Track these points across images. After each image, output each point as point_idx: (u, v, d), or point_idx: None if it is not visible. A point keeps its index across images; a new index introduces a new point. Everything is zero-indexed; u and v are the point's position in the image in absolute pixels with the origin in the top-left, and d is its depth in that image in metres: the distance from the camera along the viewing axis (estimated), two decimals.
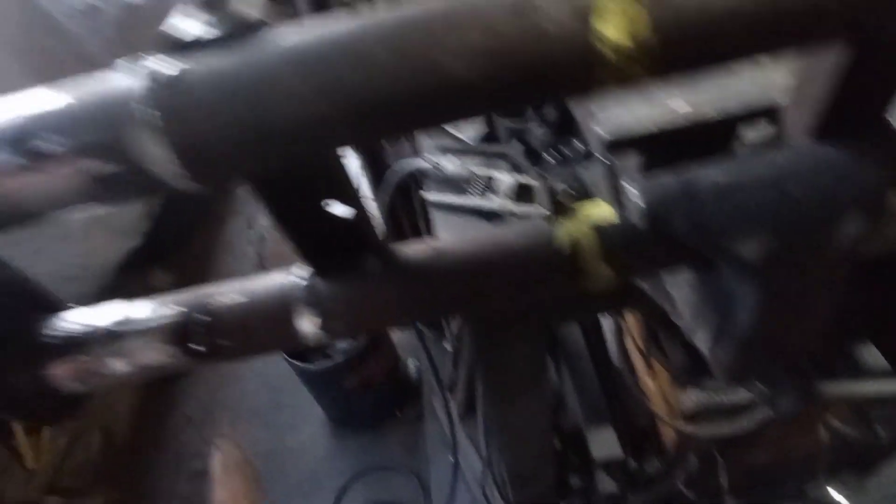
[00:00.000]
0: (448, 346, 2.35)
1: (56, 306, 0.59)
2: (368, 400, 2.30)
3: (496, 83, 0.30)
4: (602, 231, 0.50)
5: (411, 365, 2.53)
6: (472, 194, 0.81)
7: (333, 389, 2.21)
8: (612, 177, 0.52)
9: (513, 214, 0.78)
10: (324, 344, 0.54)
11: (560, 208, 0.52)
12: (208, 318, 0.51)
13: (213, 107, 0.31)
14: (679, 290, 0.62)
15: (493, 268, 0.50)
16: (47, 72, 2.30)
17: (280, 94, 0.30)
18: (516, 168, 0.85)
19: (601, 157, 0.55)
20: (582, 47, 0.30)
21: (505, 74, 0.30)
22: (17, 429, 2.39)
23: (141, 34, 3.05)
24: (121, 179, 0.33)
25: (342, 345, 2.25)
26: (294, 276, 0.52)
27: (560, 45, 0.30)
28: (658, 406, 1.28)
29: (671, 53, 0.31)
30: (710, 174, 0.45)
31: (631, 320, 1.35)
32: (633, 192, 0.47)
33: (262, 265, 3.18)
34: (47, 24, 2.42)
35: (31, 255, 1.94)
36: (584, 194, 0.61)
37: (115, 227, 2.42)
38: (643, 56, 0.31)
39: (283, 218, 0.45)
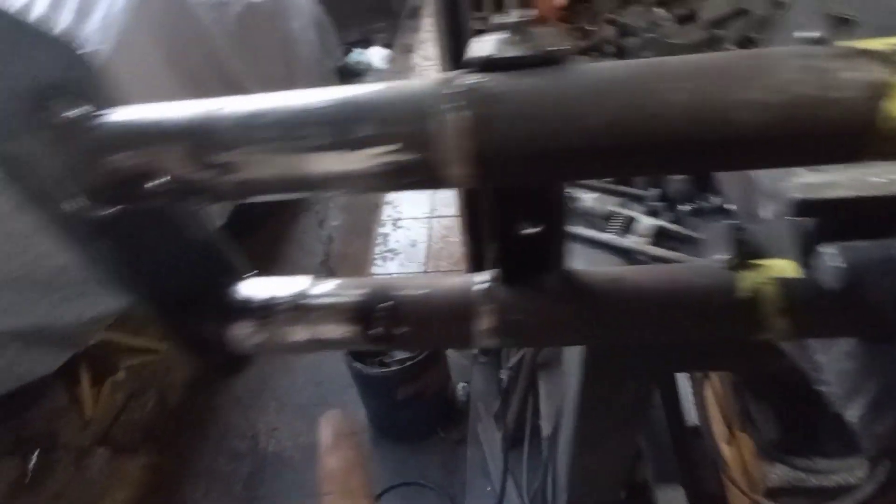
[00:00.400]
0: (503, 376, 2.35)
1: (240, 273, 0.64)
2: (415, 414, 2.31)
3: (781, 140, 0.33)
4: (785, 285, 0.51)
5: (461, 388, 2.54)
6: (609, 231, 0.83)
7: (384, 397, 2.24)
8: (799, 236, 0.53)
9: (651, 256, 0.80)
10: (491, 348, 0.57)
11: (741, 257, 0.53)
12: (391, 304, 0.55)
13: (517, 120, 0.35)
14: (832, 358, 0.61)
15: (670, 301, 0.52)
16: (177, 56, 2.50)
17: (577, 122, 0.33)
18: (653, 212, 0.87)
19: (781, 216, 0.56)
20: (866, 120, 0.32)
21: (792, 133, 0.33)
22: (84, 378, 2.54)
23: (256, 31, 3.27)
24: (415, 169, 0.37)
25: (399, 355, 2.29)
26: (477, 280, 0.55)
27: (851, 114, 0.32)
28: (736, 476, 1.24)
29: None
30: None
31: (717, 383, 1.32)
32: (831, 254, 0.48)
33: (328, 264, 3.28)
34: (183, 12, 2.62)
35: None
36: (752, 248, 0.62)
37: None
38: None
39: (498, 220, 0.48)
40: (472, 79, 0.36)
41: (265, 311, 0.58)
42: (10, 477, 2.40)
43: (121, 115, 0.42)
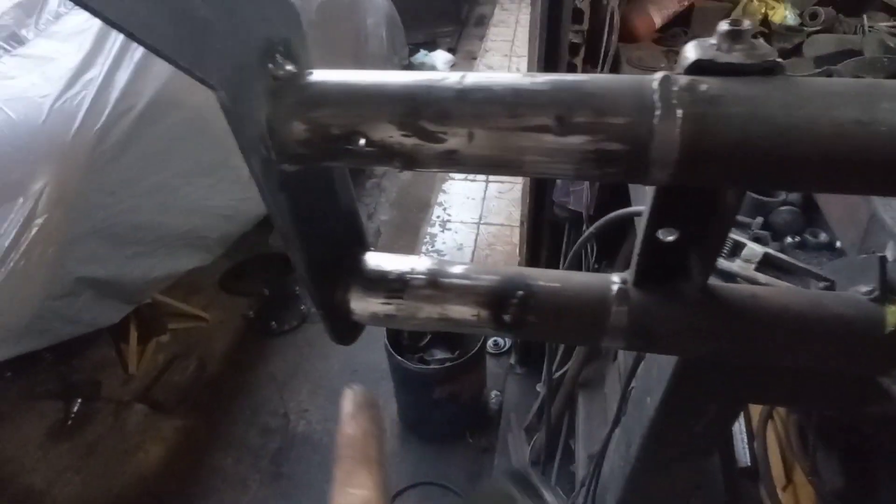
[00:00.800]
0: (539, 389, 2.34)
1: (367, 245, 0.67)
2: (447, 415, 2.32)
3: None
4: None
5: (493, 396, 2.54)
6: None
7: (420, 394, 2.26)
8: None
9: (755, 283, 0.80)
10: (614, 348, 0.58)
11: (888, 291, 0.53)
12: (524, 293, 0.56)
13: (737, 122, 0.36)
14: None
15: (812, 326, 0.52)
16: None
17: (796, 130, 0.34)
18: (758, 240, 0.86)
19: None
20: None
21: None
22: (133, 335, 2.63)
23: (334, 22, 3.36)
24: (619, 160, 0.38)
25: (440, 354, 2.31)
26: (612, 279, 0.56)
27: None
28: None
29: None
30: None
31: (780, 424, 1.29)
32: None
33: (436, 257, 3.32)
34: None
35: (207, 188, 2.15)
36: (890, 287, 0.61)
37: None
38: None
39: (655, 221, 0.49)
40: (689, 79, 0.37)
41: (400, 283, 0.60)
42: (53, 419, 2.50)
43: (333, 75, 0.45)
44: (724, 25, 0.39)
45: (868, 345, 0.52)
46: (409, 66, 4.84)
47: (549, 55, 1.54)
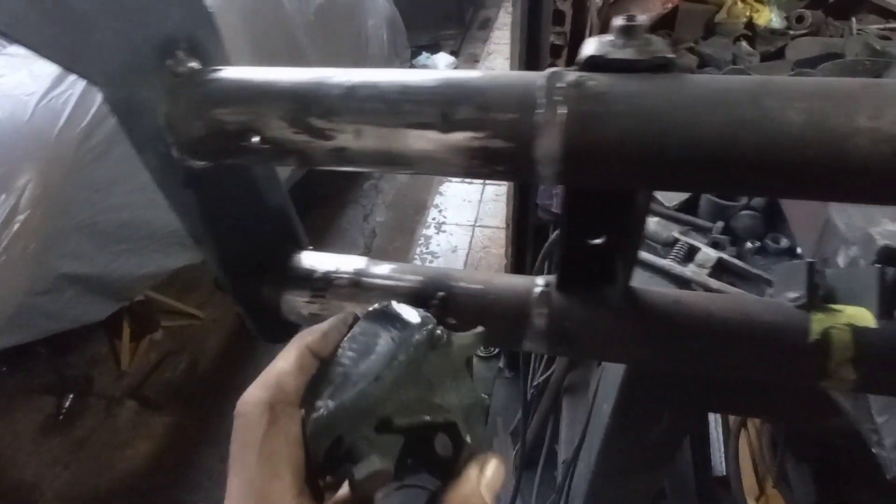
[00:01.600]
0: (526, 394, 2.32)
1: (302, 245, 0.66)
2: None
3: None
4: (860, 333, 0.49)
5: None
6: (670, 258, 0.81)
7: None
8: (882, 284, 0.51)
9: (707, 288, 0.78)
10: (535, 352, 0.57)
11: (815, 298, 0.52)
12: (444, 295, 0.55)
13: (618, 120, 0.35)
14: (892, 421, 0.58)
15: (734, 333, 0.50)
16: (259, 39, 2.60)
17: (687, 129, 0.33)
18: (716, 244, 0.85)
19: (863, 263, 0.54)
20: None
21: None
22: (125, 332, 2.64)
23: (334, 24, 3.37)
24: (504, 158, 0.37)
25: None
26: (536, 283, 0.55)
27: None
28: None
29: None
30: None
31: (754, 435, 1.27)
32: None
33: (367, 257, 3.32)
34: None
35: None
36: (826, 292, 0.59)
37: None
38: None
39: (569, 225, 0.48)
40: (577, 76, 0.36)
41: (324, 283, 0.60)
42: (45, 413, 2.53)
43: (232, 73, 0.44)
44: (618, 20, 0.38)
45: (793, 353, 0.50)
46: (411, 68, 4.84)
47: (529, 57, 1.53)
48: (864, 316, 0.50)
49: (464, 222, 3.54)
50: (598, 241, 0.51)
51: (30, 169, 1.51)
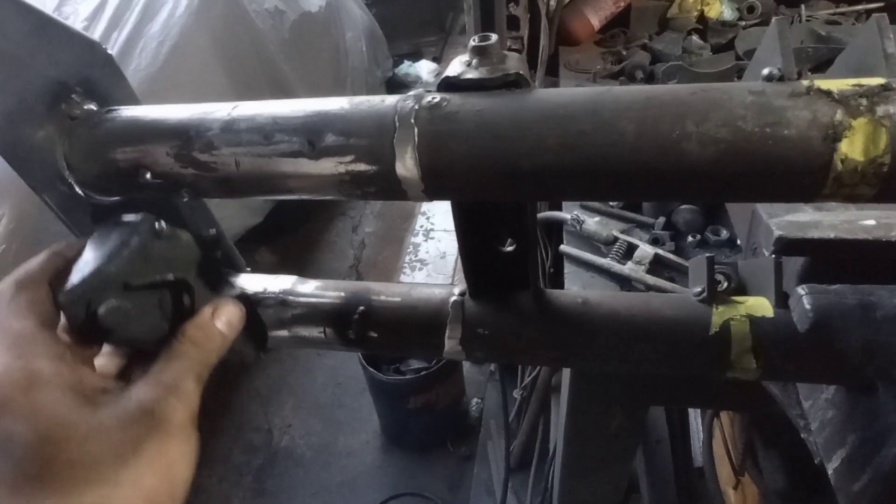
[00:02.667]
0: (517, 395, 2.33)
1: (239, 266, 0.68)
2: (425, 425, 2.32)
3: (728, 174, 0.33)
4: (756, 323, 0.50)
5: (474, 404, 2.53)
6: (610, 256, 0.82)
7: (396, 404, 2.26)
8: (778, 274, 0.52)
9: (645, 285, 0.79)
10: (456, 360, 0.58)
11: (715, 292, 0.53)
12: (364, 310, 0.57)
13: (467, 137, 0.36)
14: (816, 405, 0.59)
15: (639, 330, 0.52)
16: (232, 59, 2.63)
17: (531, 141, 0.35)
18: (656, 241, 0.86)
19: (766, 253, 0.55)
20: (818, 159, 0.32)
21: (738, 168, 0.33)
22: None
23: (310, 39, 3.40)
24: (372, 180, 0.39)
25: (415, 364, 2.31)
26: (452, 293, 0.56)
27: (797, 152, 0.32)
28: None
29: None
30: (893, 296, 0.45)
31: (727, 424, 1.27)
32: (803, 295, 0.47)
33: (357, 269, 3.35)
34: (240, 16, 2.76)
35: None
36: (738, 284, 0.61)
37: (248, 203, 2.66)
38: (874, 177, 0.32)
39: (465, 237, 0.50)
40: (431, 97, 0.38)
41: (255, 304, 0.61)
42: None
43: (126, 112, 0.46)
44: (472, 41, 0.40)
45: (696, 346, 0.51)
46: (394, 78, 4.87)
47: None
48: (762, 306, 0.52)
49: (451, 228, 3.55)
50: (510, 248, 0.53)
51: (3, 203, 1.53)
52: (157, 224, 0.44)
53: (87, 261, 0.40)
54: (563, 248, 0.85)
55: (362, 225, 3.71)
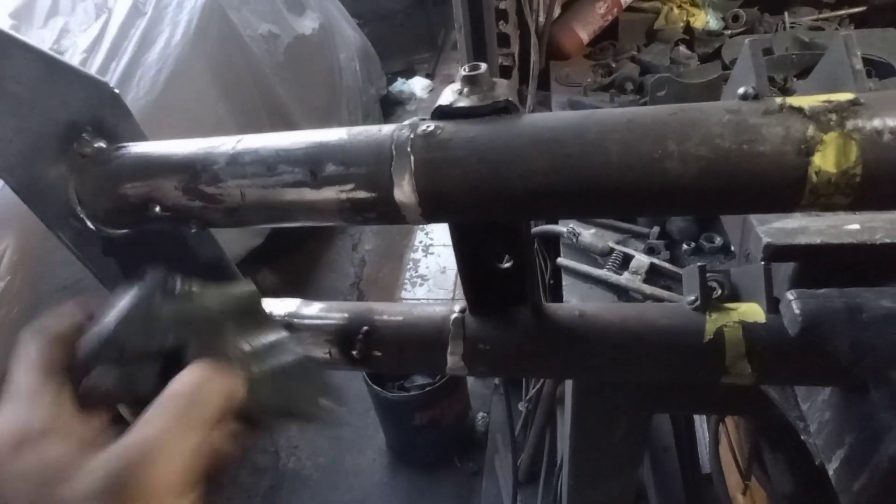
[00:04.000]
0: (522, 408, 2.33)
1: None
2: (432, 441, 2.31)
3: (709, 190, 0.35)
4: (749, 329, 0.52)
5: (480, 418, 2.52)
6: (606, 267, 0.84)
7: (401, 421, 2.25)
8: (768, 280, 0.54)
9: (643, 294, 0.81)
10: (459, 375, 0.60)
11: (708, 300, 0.54)
12: (368, 329, 0.59)
13: (461, 163, 0.38)
14: (814, 407, 0.61)
15: (635, 340, 0.53)
16: (228, 84, 2.67)
17: (521, 165, 0.37)
18: (651, 250, 0.88)
19: (757, 260, 0.57)
20: (793, 173, 0.34)
21: (718, 184, 0.35)
22: None
23: (304, 62, 3.45)
24: (372, 206, 0.41)
25: (419, 380, 2.31)
26: (452, 310, 0.58)
27: (773, 167, 0.34)
28: None
29: (874, 187, 0.34)
30: (879, 298, 0.46)
31: (733, 429, 1.28)
32: (792, 300, 0.49)
33: (359, 287, 3.36)
34: (236, 42, 2.81)
35: None
36: (731, 290, 0.62)
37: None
38: (848, 187, 0.34)
39: (463, 255, 0.51)
40: (426, 126, 0.40)
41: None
42: None
43: (136, 149, 0.48)
44: (463, 70, 0.42)
45: (692, 353, 0.53)
46: (388, 95, 4.93)
47: None
48: (754, 312, 0.53)
49: (450, 243, 3.56)
50: (507, 265, 0.55)
51: (6, 236, 1.55)
52: (169, 282, 0.41)
53: (99, 321, 0.40)
54: (561, 260, 0.87)
55: (362, 243, 3.72)
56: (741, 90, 0.38)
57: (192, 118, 2.40)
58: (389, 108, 4.95)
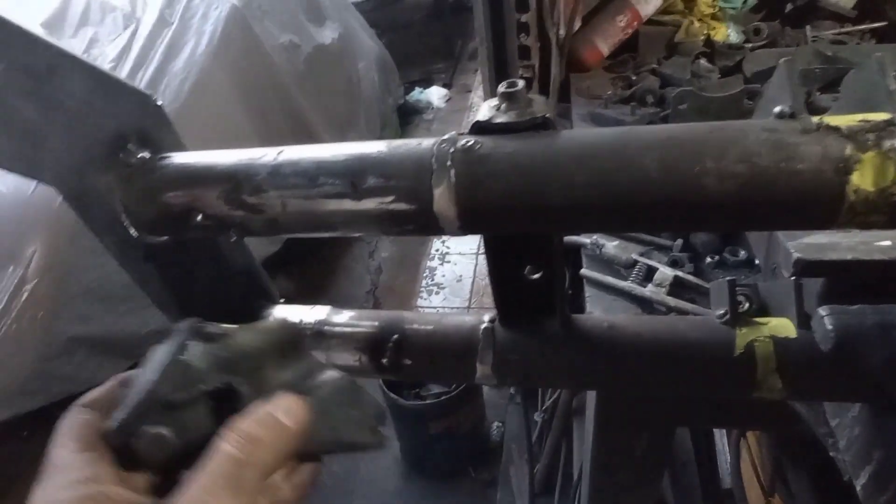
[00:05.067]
0: (538, 419, 2.32)
1: (273, 298, 0.71)
2: (447, 450, 2.31)
3: (747, 207, 0.35)
4: (780, 344, 0.51)
5: (495, 428, 2.51)
6: (630, 279, 0.84)
7: (417, 430, 2.25)
8: (798, 295, 0.54)
9: (667, 307, 0.81)
10: (488, 385, 0.60)
11: (738, 314, 0.54)
12: (398, 338, 0.59)
13: (500, 177, 0.39)
14: (843, 424, 0.60)
15: (666, 353, 0.53)
16: (250, 93, 2.72)
17: (560, 180, 0.38)
18: (675, 262, 0.88)
19: (784, 275, 0.57)
20: (831, 191, 0.35)
21: (755, 201, 0.35)
22: None
23: (324, 71, 3.50)
24: (410, 218, 0.42)
25: (435, 389, 2.31)
26: (482, 320, 0.59)
27: (811, 185, 0.35)
28: None
29: None
30: None
31: (754, 444, 1.26)
32: (825, 315, 0.49)
33: (374, 294, 3.37)
34: (258, 52, 2.86)
35: None
36: (759, 305, 0.62)
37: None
38: (886, 206, 0.34)
39: (495, 266, 0.52)
40: (465, 140, 0.41)
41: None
42: None
43: (179, 159, 0.49)
44: (501, 87, 0.43)
45: (721, 367, 0.53)
46: (405, 105, 4.97)
47: None
48: (785, 326, 0.53)
49: (467, 251, 3.59)
50: (536, 276, 0.55)
51: (35, 239, 1.60)
52: (202, 327, 0.41)
53: (134, 385, 0.40)
54: (584, 271, 0.87)
55: (378, 250, 3.75)
56: (777, 109, 0.38)
57: (214, 126, 2.44)
58: (407, 117, 5.00)
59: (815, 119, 0.37)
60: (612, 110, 1.38)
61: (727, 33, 1.51)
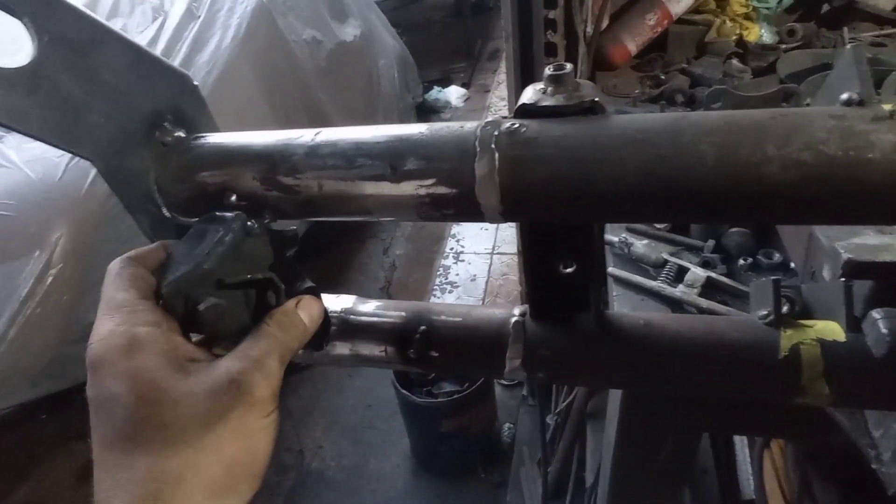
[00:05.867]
0: (550, 421, 2.29)
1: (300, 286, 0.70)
2: (457, 449, 2.29)
3: (811, 197, 0.33)
4: (828, 347, 0.49)
5: (506, 429, 2.49)
6: (660, 279, 0.82)
7: (428, 427, 2.24)
8: (848, 297, 0.52)
9: (698, 308, 0.79)
10: (519, 381, 0.59)
11: (782, 316, 0.52)
12: (426, 329, 0.58)
13: (546, 161, 0.38)
14: (888, 435, 0.58)
15: (704, 353, 0.51)
16: (272, 86, 2.73)
17: (611, 166, 0.36)
18: (706, 263, 0.85)
19: (828, 277, 0.55)
20: None
21: (821, 191, 0.33)
22: None
23: (345, 67, 3.51)
24: (451, 202, 0.40)
25: (447, 387, 2.30)
26: (513, 313, 0.57)
27: (884, 175, 0.33)
28: None
29: None
30: None
31: (778, 454, 1.23)
32: (879, 318, 0.46)
33: (388, 291, 3.37)
34: (281, 46, 2.88)
35: None
36: (802, 307, 0.60)
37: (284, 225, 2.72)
38: None
39: (530, 257, 0.51)
40: (510, 123, 0.40)
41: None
42: (83, 460, 2.60)
43: (213, 139, 0.49)
44: (548, 70, 0.41)
45: (764, 370, 0.51)
46: (424, 103, 4.97)
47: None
48: (833, 330, 0.51)
49: (481, 250, 3.57)
50: (569, 269, 0.54)
51: (61, 225, 1.61)
52: (248, 223, 0.44)
53: (185, 255, 0.42)
54: (612, 270, 0.85)
55: (393, 247, 3.74)
56: (844, 95, 0.36)
57: (237, 118, 2.46)
58: (424, 115, 4.99)
59: (888, 107, 0.35)
60: (641, 108, 1.36)
61: (760, 33, 1.48)
